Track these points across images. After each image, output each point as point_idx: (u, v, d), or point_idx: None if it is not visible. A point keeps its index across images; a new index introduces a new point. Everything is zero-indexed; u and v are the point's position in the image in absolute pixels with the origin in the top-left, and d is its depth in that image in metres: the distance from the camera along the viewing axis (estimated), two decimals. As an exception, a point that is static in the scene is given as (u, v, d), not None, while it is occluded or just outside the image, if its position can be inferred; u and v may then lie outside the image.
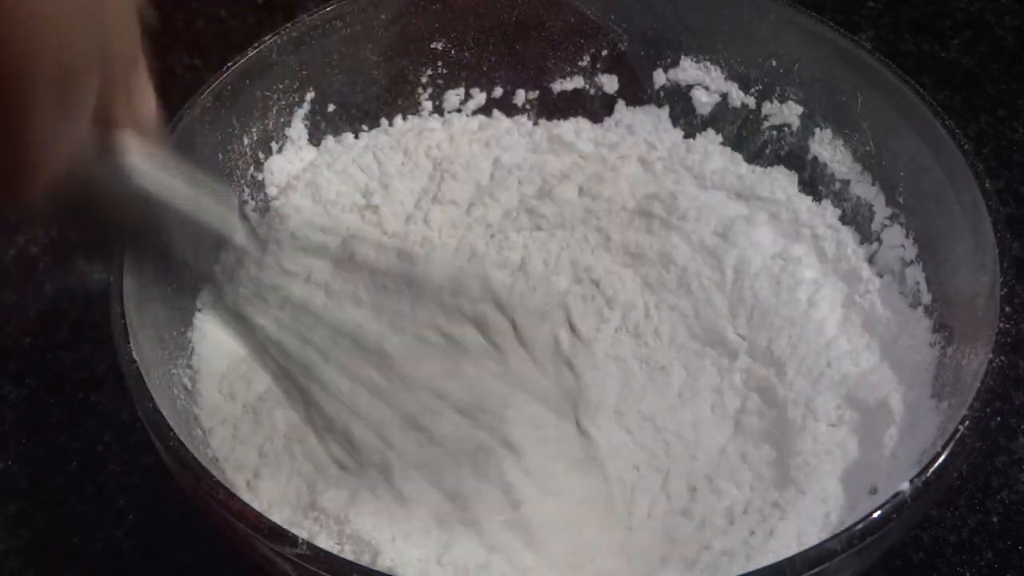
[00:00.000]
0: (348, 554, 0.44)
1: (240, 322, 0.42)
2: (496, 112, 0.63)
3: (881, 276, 0.54)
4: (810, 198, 0.58)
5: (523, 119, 0.63)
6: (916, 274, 0.52)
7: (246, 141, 0.57)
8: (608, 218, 0.58)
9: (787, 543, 0.44)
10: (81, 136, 0.30)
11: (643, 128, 0.62)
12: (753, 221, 0.57)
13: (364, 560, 0.44)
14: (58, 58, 0.26)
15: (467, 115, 0.63)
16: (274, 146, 0.59)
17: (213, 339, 0.52)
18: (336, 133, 0.61)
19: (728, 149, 0.61)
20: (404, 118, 0.62)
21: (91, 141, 0.31)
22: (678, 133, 0.62)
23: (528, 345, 0.48)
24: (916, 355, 0.50)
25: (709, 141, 0.61)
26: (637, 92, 0.63)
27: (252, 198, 0.58)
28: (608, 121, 0.63)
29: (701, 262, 0.56)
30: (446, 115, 0.63)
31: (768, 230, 0.57)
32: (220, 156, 0.55)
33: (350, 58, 0.59)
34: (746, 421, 0.51)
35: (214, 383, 0.51)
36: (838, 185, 0.57)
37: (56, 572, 0.52)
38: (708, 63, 0.61)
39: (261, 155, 0.58)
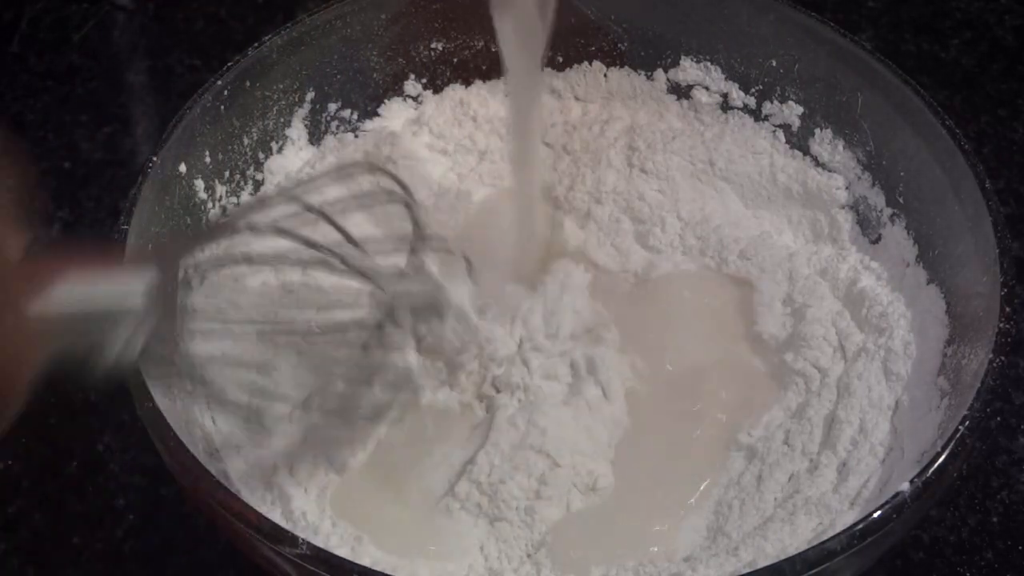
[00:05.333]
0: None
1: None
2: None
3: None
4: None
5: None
6: (916, 274, 0.52)
7: (246, 141, 0.57)
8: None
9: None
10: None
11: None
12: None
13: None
14: None
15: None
16: (274, 146, 0.59)
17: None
18: (336, 133, 0.61)
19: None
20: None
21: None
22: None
23: None
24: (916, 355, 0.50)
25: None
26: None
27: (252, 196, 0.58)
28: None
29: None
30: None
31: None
32: (220, 156, 0.55)
33: (350, 58, 0.59)
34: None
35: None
36: (838, 185, 0.58)
37: (56, 572, 0.52)
38: (708, 63, 0.61)
39: (261, 155, 0.58)
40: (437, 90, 0.63)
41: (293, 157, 0.59)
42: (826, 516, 0.45)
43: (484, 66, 0.63)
